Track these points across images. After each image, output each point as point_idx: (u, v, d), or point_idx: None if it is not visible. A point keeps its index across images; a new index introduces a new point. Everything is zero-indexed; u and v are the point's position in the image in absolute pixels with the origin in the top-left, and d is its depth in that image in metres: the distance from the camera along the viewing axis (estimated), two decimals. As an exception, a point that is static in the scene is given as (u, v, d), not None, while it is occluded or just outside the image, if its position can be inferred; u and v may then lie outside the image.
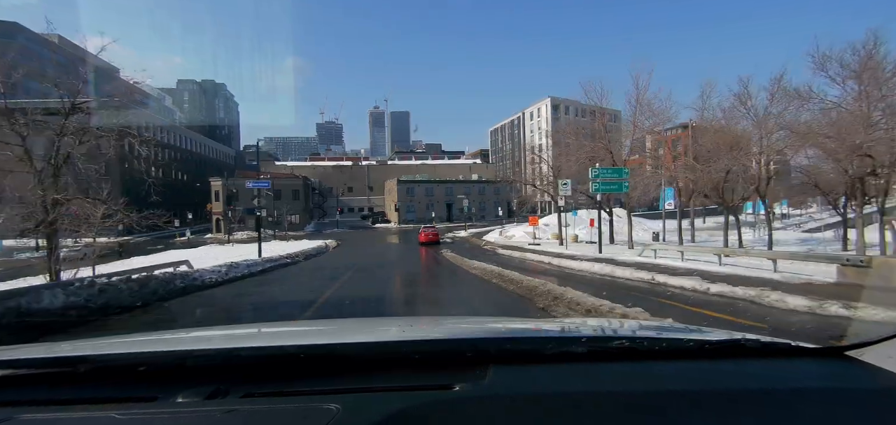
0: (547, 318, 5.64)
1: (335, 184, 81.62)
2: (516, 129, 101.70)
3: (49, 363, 1.04)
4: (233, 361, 1.00)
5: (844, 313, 6.65)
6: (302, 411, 0.78)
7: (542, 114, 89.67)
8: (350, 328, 1.71)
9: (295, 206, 53.56)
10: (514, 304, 8.89)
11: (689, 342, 1.10)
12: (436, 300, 10.75)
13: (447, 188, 68.03)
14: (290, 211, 53.55)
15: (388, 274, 16.99)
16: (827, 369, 0.98)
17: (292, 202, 53.45)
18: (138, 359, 1.02)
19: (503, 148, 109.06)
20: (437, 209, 64.50)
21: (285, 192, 53.14)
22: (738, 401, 0.82)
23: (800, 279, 10.43)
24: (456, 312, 8.67)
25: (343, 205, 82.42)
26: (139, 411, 0.81)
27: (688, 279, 10.50)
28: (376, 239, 38.86)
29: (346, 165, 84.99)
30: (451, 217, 65.71)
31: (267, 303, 10.15)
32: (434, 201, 65.67)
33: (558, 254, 19.68)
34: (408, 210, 63.25)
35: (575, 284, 10.22)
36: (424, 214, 64.35)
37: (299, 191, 53.84)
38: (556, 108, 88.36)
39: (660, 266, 13.54)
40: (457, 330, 1.48)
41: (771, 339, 1.08)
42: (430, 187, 66.34)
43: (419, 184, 65.50)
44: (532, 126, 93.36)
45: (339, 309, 8.93)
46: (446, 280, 14.33)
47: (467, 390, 0.85)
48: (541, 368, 0.98)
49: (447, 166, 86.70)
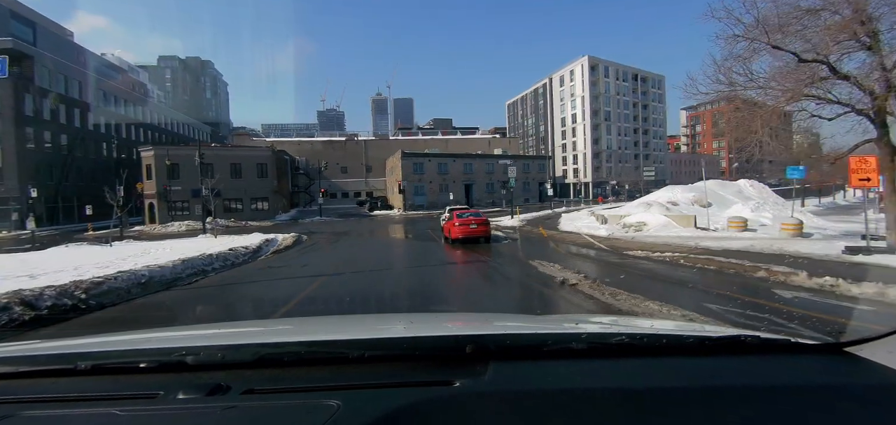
0: (547, 314, 4.71)
1: (327, 163, 67.06)
2: (541, 99, 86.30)
3: (50, 359, 1.04)
4: (234, 358, 1.00)
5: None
6: (303, 407, 0.79)
7: (576, 77, 74.02)
8: (351, 324, 1.71)
9: (262, 187, 39.04)
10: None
11: (689, 338, 1.11)
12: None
13: (465, 164, 53.18)
14: (256, 192, 39.06)
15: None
16: (826, 365, 0.98)
17: (258, 181, 38.93)
18: (140, 356, 1.01)
19: (524, 122, 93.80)
20: (454, 191, 50.10)
21: (248, 168, 38.57)
22: (737, 397, 0.82)
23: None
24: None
25: (336, 188, 67.91)
26: (141, 408, 0.81)
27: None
28: (370, 232, 24.35)
29: (339, 141, 70.26)
30: (469, 200, 51.01)
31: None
32: (449, 181, 50.94)
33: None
34: (416, 192, 48.57)
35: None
36: (437, 198, 49.74)
37: (266, 166, 39.27)
38: (595, 69, 72.73)
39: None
40: (457, 326, 1.49)
41: (770, 336, 1.08)
42: (444, 163, 51.55)
43: (430, 159, 50.74)
44: (563, 92, 77.89)
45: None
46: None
47: (468, 386, 0.85)
48: (541, 364, 0.99)
49: (460, 141, 71.57)
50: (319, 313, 6.44)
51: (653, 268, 9.34)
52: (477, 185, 53.31)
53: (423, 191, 49.15)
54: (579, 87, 72.63)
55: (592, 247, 13.33)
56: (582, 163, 73.36)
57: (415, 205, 47.67)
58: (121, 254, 12.81)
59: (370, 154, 68.74)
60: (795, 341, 1.07)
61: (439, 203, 51.17)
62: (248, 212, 38.61)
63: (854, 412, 0.78)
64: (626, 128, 77.72)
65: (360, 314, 5.28)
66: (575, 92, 73.74)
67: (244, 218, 37.33)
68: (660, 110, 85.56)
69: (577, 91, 73.36)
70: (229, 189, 38.15)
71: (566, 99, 76.43)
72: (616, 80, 75.46)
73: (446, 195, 51.36)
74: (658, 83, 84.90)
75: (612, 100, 74.39)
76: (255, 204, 39.35)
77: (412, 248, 16.24)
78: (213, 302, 7.57)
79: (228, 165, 38.12)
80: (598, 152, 72.70)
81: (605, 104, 73.31)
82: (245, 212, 38.59)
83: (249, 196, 38.94)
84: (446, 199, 52.77)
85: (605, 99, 73.26)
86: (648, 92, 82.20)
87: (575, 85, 73.81)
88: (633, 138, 79.10)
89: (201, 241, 18.29)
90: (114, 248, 15.77)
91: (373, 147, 69.52)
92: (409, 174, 48.01)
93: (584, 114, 71.84)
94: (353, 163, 68.25)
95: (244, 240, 16.98)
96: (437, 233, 19.59)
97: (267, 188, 39.47)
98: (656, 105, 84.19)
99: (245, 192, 38.68)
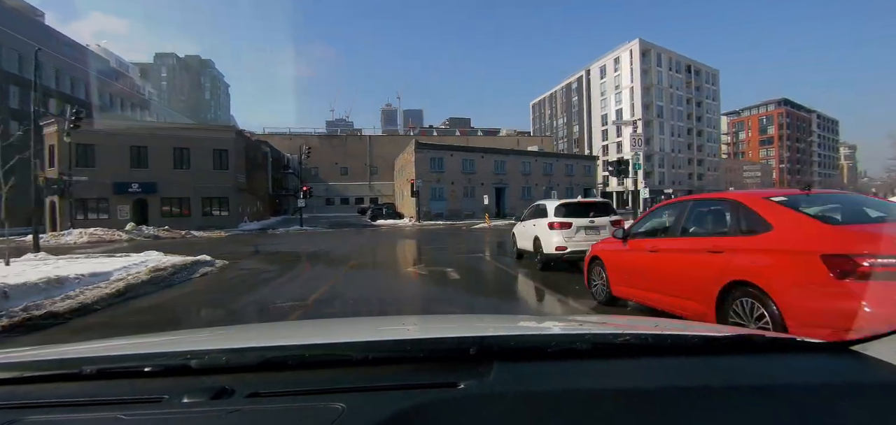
0: (551, 316, 4.74)
1: (322, 163, 55.83)
2: (575, 96, 74.60)
3: (54, 364, 1.04)
4: (238, 361, 1.00)
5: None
6: (308, 410, 0.79)
7: (623, 66, 62.19)
8: (355, 326, 1.72)
9: (219, 184, 27.67)
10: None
11: (694, 338, 1.11)
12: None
13: (496, 162, 41.36)
14: (211, 190, 27.69)
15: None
16: (832, 364, 0.97)
17: (213, 175, 27.57)
18: (144, 360, 1.02)
19: (553, 124, 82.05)
20: (481, 195, 38.45)
21: (199, 156, 27.24)
22: (742, 397, 0.82)
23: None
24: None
25: (335, 193, 56.53)
26: (145, 412, 0.81)
27: None
28: (358, 256, 12.79)
29: (339, 137, 59.06)
30: (501, 208, 39.21)
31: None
32: (476, 183, 39.22)
33: None
34: (433, 196, 36.88)
35: None
36: (460, 204, 38.00)
37: (227, 154, 27.91)
38: (646, 55, 60.91)
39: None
40: (461, 327, 1.48)
41: (775, 335, 1.06)
42: (470, 159, 39.77)
43: (452, 154, 38.99)
44: (604, 85, 66.08)
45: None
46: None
47: (472, 387, 0.85)
48: (545, 365, 0.99)
49: (482, 141, 59.79)
50: None
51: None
52: (510, 190, 41.50)
53: (442, 195, 37.41)
54: (627, 77, 60.79)
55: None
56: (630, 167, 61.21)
57: (431, 214, 35.98)
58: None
59: (375, 152, 57.41)
60: (801, 339, 1.05)
61: (463, 210, 39.19)
62: (198, 217, 27.18)
63: (860, 411, 0.78)
64: (680, 127, 65.57)
65: (364, 316, 4.97)
66: (621, 83, 61.90)
67: (190, 226, 25.95)
68: (713, 109, 73.38)
69: (623, 82, 61.52)
70: (170, 184, 26.82)
71: (608, 93, 64.61)
72: (668, 71, 63.55)
73: (472, 200, 39.65)
74: (712, 78, 72.87)
75: (664, 93, 62.44)
76: (209, 207, 27.92)
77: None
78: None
79: (170, 150, 26.83)
80: (649, 155, 60.45)
81: (657, 98, 61.34)
82: (194, 216, 27.18)
83: (200, 195, 27.52)
84: (472, 205, 40.46)
85: (657, 92, 61.29)
86: (702, 87, 70.16)
87: (621, 75, 61.99)
88: (687, 140, 66.86)
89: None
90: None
91: (379, 144, 58.22)
92: (424, 171, 36.34)
93: (634, 109, 59.86)
94: (355, 164, 56.95)
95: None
96: (503, 265, 9.77)
97: (227, 185, 28.02)
98: (710, 102, 72.05)
99: (193, 190, 27.28)
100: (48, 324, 4.99)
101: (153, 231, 23.31)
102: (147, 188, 26.17)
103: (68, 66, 40.84)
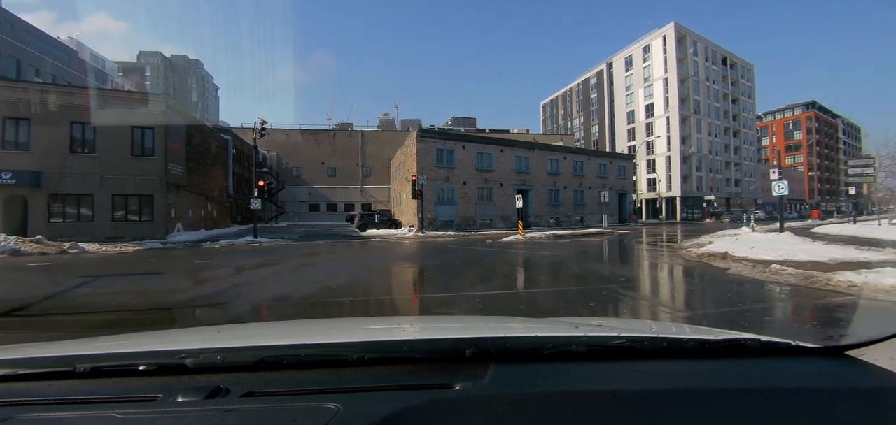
0: (547, 318, 4.21)
1: (306, 163, 47.50)
2: (594, 92, 66.85)
3: (49, 362, 1.03)
4: (234, 360, 0.99)
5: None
6: (303, 410, 0.79)
7: (654, 55, 54.39)
8: (351, 327, 1.72)
9: (141, 176, 19.24)
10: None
11: (689, 341, 1.11)
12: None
13: (519, 158, 33.10)
14: (126, 185, 19.27)
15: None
16: (827, 369, 0.98)
17: (130, 163, 19.18)
18: (139, 359, 1.01)
19: (567, 124, 74.20)
20: (500, 199, 30.23)
21: (110, 137, 18.82)
22: (737, 401, 0.83)
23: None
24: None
25: (320, 198, 48.10)
26: (140, 410, 0.81)
27: None
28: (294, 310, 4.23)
29: (327, 131, 50.74)
30: (526, 214, 30.93)
31: None
32: (494, 183, 30.98)
33: None
34: (440, 198, 28.51)
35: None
36: (474, 210, 29.68)
37: (153, 133, 19.51)
38: (681, 42, 53.16)
39: None
40: (457, 329, 1.47)
41: (771, 339, 1.08)
42: (487, 153, 31.45)
43: (465, 146, 30.68)
44: (630, 78, 58.26)
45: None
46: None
47: (468, 389, 0.85)
48: (541, 367, 0.98)
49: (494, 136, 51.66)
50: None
51: None
52: (535, 193, 33.28)
53: (452, 198, 29.08)
54: (659, 68, 52.97)
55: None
56: (664, 170, 53.04)
57: (438, 222, 27.64)
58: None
59: (369, 151, 49.16)
60: (796, 344, 1.06)
61: (477, 218, 30.44)
62: (106, 223, 18.75)
63: (855, 416, 0.78)
64: (717, 127, 57.70)
65: (360, 317, 4.78)
66: (652, 74, 54.08)
67: (94, 234, 17.57)
68: (749, 108, 65.69)
69: (655, 73, 53.70)
70: (64, 175, 18.39)
71: (636, 86, 56.79)
72: (705, 62, 55.86)
73: (490, 205, 31.34)
74: (747, 73, 65.29)
75: (701, 87, 54.64)
76: (123, 208, 19.47)
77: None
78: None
79: (66, 126, 18.46)
80: (686, 155, 52.46)
81: (694, 92, 53.52)
82: (99, 220, 18.74)
83: (110, 191, 19.10)
84: (489, 211, 29.95)
85: (693, 85, 53.50)
86: (737, 82, 62.53)
87: (652, 65, 54.19)
88: (723, 141, 59.01)
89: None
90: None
91: (373, 142, 49.99)
92: (429, 167, 28.05)
93: (668, 102, 51.99)
94: (345, 164, 48.67)
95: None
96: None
97: (151, 179, 19.61)
98: (745, 100, 64.38)
99: (100, 182, 18.86)
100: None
101: (14, 243, 14.87)
102: (26, 179, 17.77)
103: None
